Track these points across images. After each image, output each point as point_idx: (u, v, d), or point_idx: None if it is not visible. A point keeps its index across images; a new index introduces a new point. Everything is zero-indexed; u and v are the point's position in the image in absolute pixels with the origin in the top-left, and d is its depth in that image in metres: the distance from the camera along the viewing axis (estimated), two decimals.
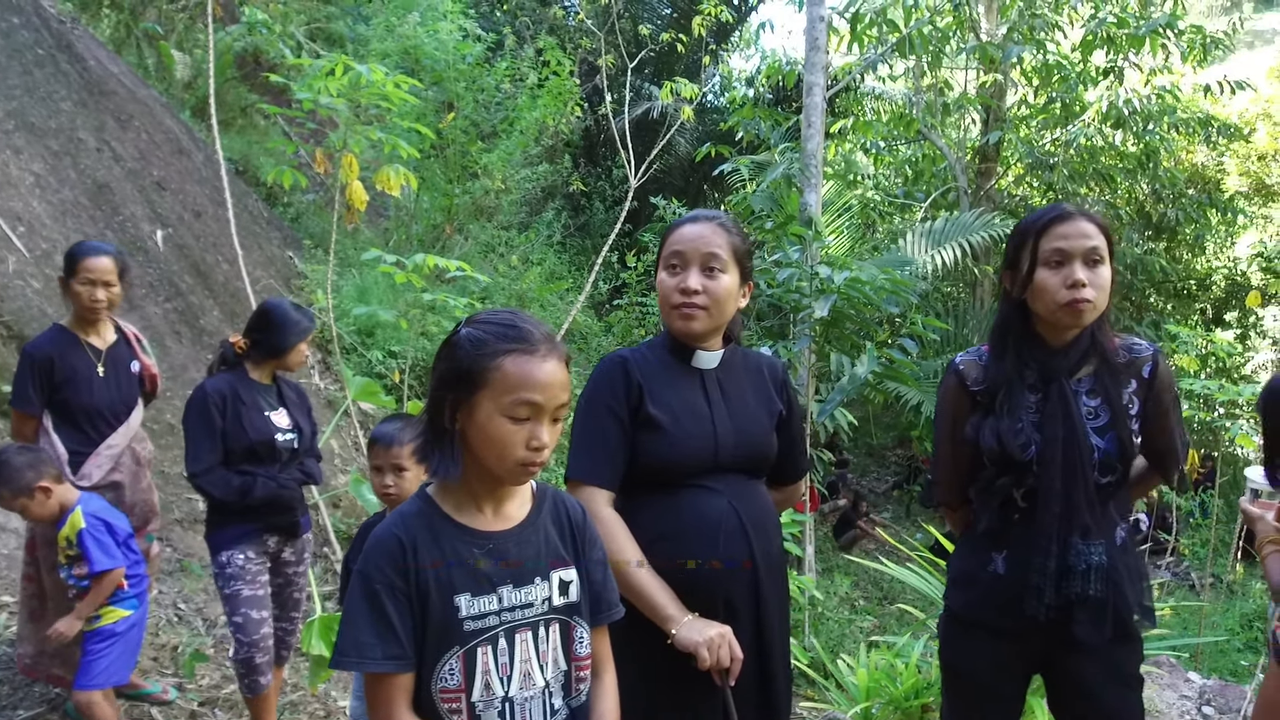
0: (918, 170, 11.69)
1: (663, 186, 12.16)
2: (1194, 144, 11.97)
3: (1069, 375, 1.82)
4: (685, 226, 1.87)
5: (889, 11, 8.43)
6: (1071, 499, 1.77)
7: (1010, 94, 11.52)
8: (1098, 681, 1.82)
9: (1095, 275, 1.76)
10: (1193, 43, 10.14)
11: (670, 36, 7.35)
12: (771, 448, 1.88)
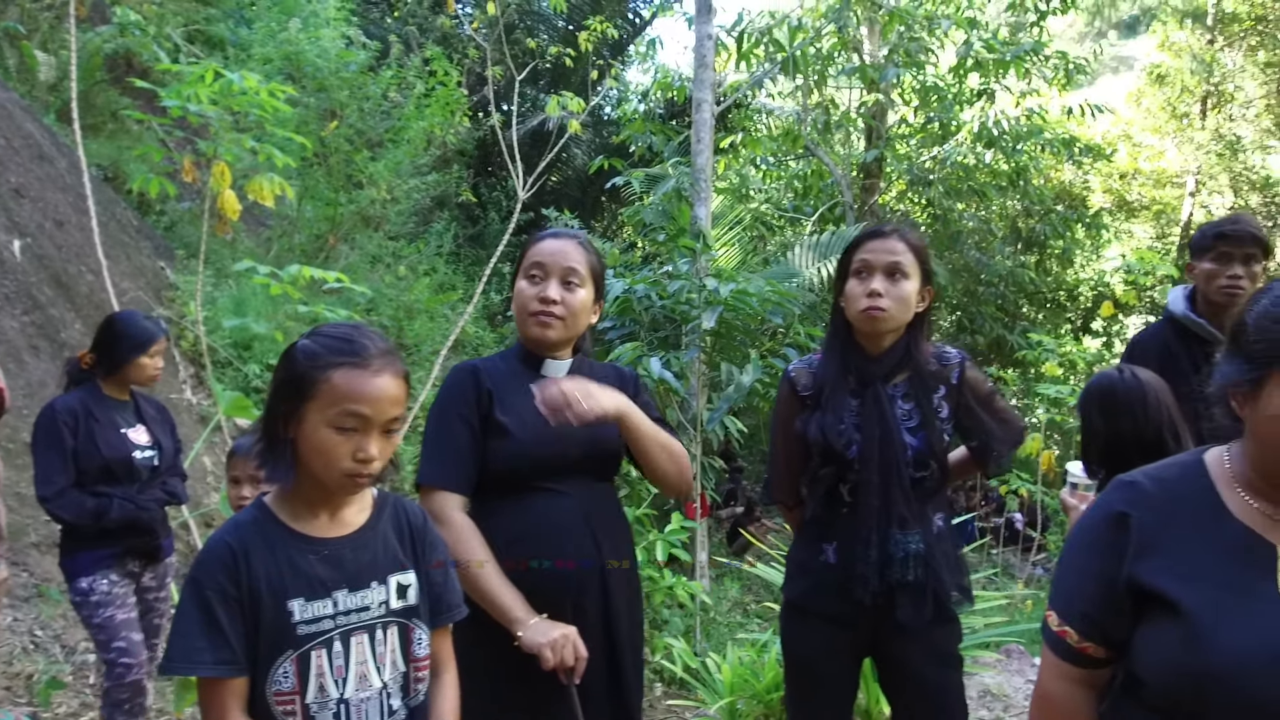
0: (806, 185, 12.06)
1: (560, 198, 12.20)
2: (1061, 163, 12.72)
3: (885, 381, 1.99)
4: (547, 240, 1.95)
5: (774, 32, 8.69)
6: (888, 493, 1.93)
7: (891, 113, 12.03)
8: (920, 661, 1.97)
9: (894, 288, 1.93)
10: (1057, 68, 10.81)
11: (558, 50, 7.41)
12: (619, 451, 1.96)
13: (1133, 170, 14.35)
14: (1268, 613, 1.10)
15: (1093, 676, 1.28)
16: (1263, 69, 13.43)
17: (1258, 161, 13.83)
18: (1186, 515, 1.20)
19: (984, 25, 11.04)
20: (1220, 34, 13.68)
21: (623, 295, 5.94)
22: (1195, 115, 13.79)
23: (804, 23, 9.09)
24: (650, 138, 8.48)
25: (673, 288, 6.02)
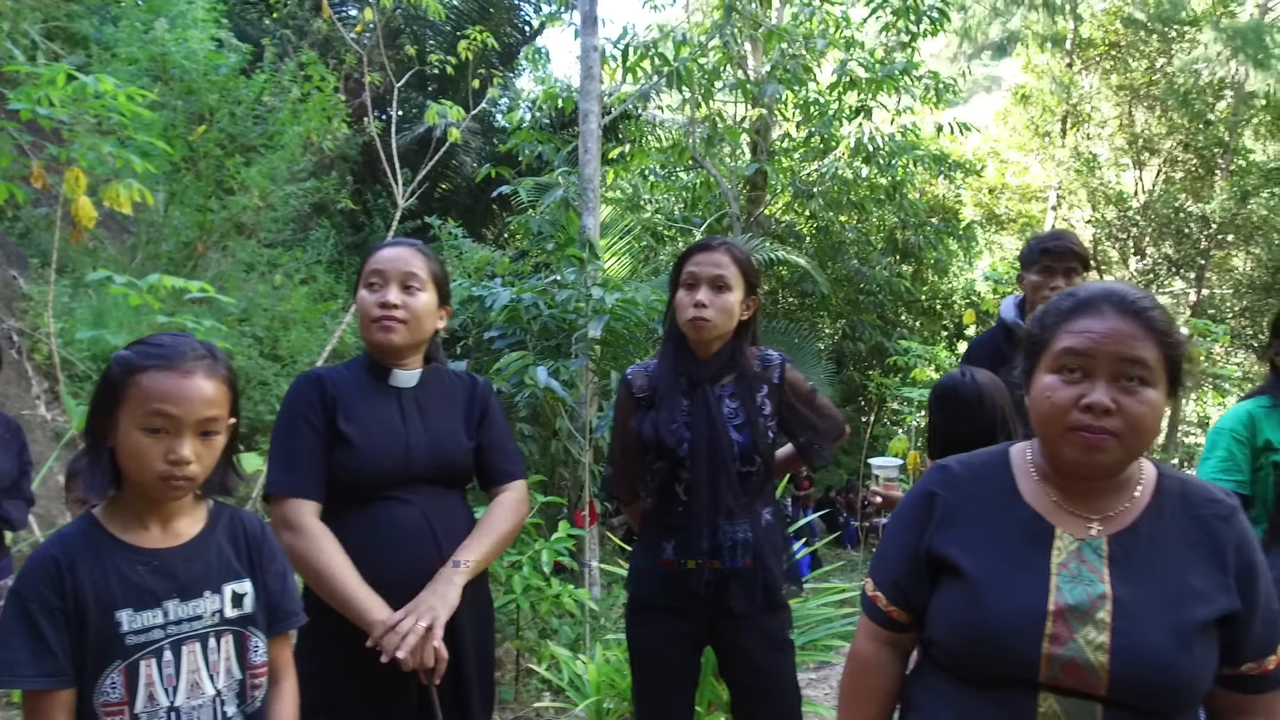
0: (695, 196, 12.30)
1: (450, 206, 12.06)
2: (935, 178, 13.36)
3: (713, 382, 2.12)
4: (385, 249, 1.99)
5: (660, 46, 8.84)
6: (717, 486, 2.06)
7: (775, 128, 12.40)
8: (753, 646, 2.10)
9: (718, 299, 2.08)
10: (929, 87, 11.36)
11: (438, 58, 7.35)
12: (466, 462, 2.00)
13: (1001, 185, 15.17)
14: (1034, 580, 1.25)
15: (898, 639, 1.43)
16: (1116, 91, 14.41)
17: (1112, 177, 14.83)
18: (984, 496, 1.35)
19: (861, 45, 11.52)
20: (1078, 58, 14.61)
21: (510, 304, 5.94)
22: (1056, 134, 14.68)
23: (689, 37, 9.27)
24: (539, 147, 8.50)
25: (560, 297, 6.06)
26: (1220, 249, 14.35)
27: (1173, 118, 14.10)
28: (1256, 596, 1.24)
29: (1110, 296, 1.24)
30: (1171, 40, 14.10)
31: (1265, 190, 13.95)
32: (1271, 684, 1.27)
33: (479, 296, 6.03)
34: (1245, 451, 2.37)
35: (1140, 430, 1.21)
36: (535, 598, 4.22)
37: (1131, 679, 1.18)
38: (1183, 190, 14.38)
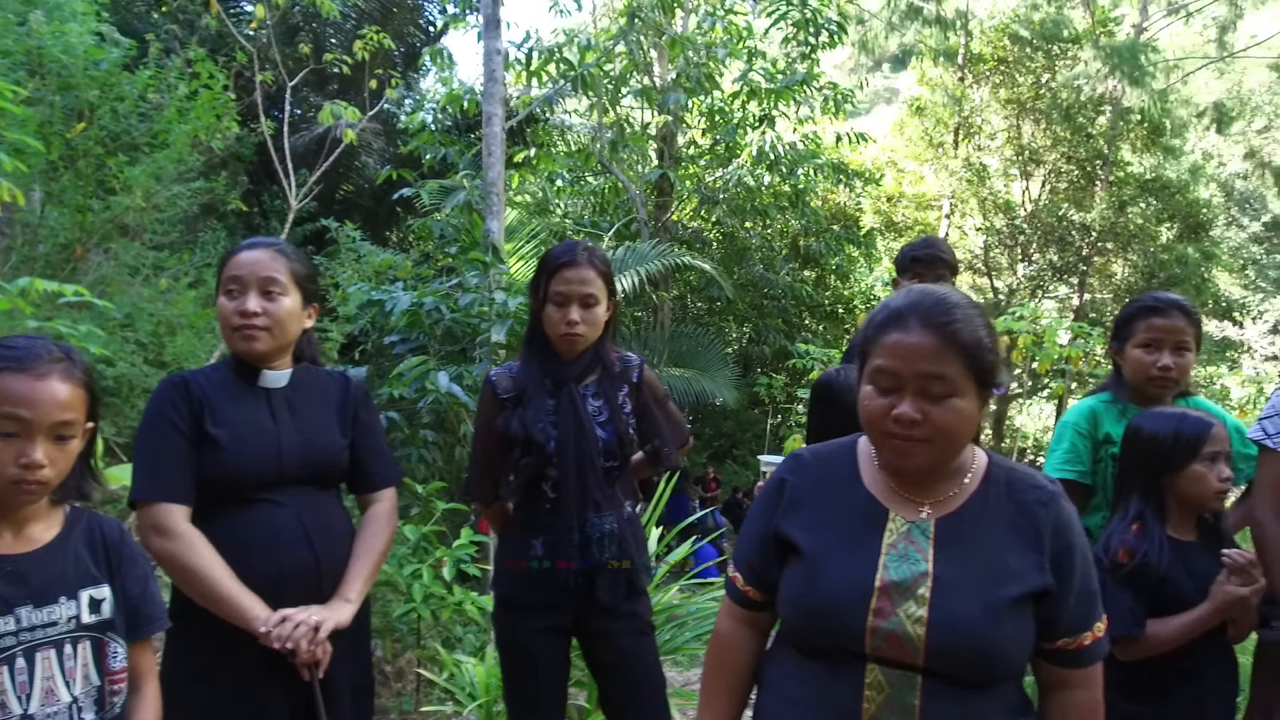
0: (604, 201, 12.36)
1: (352, 208, 11.80)
2: (836, 186, 13.75)
3: (577, 382, 2.22)
4: (242, 253, 1.96)
5: (565, 50, 8.87)
6: (585, 480, 2.15)
7: (682, 135, 12.56)
8: (619, 632, 2.21)
9: (589, 315, 2.19)
10: (827, 98, 11.70)
11: (333, 57, 7.20)
12: (341, 461, 2.01)
13: (898, 193, 15.71)
14: (864, 559, 1.35)
15: (756, 618, 1.53)
16: (1004, 105, 15.10)
17: (1001, 187, 15.53)
18: (829, 482, 1.46)
19: (764, 55, 11.78)
20: (970, 72, 15.26)
21: (411, 308, 5.86)
22: (949, 145, 15.28)
23: (594, 43, 9.33)
24: (442, 149, 8.42)
25: (464, 301, 6.01)
26: (1100, 256, 15.18)
27: (1056, 131, 14.86)
28: (1071, 576, 1.34)
29: (917, 310, 1.31)
30: (1055, 57, 14.86)
31: (1141, 200, 14.83)
32: (1089, 658, 1.37)
33: (379, 301, 5.93)
34: (1087, 444, 2.52)
35: (949, 435, 1.31)
36: (437, 606, 4.17)
37: (946, 650, 1.27)
38: (1066, 200, 15.16)
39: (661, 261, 9.82)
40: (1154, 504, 2.15)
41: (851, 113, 13.36)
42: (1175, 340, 2.43)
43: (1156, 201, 14.85)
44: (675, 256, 10.04)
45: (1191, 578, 2.06)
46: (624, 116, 11.91)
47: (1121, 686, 2.14)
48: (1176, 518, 2.14)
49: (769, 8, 11.07)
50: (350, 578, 1.91)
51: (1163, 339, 2.43)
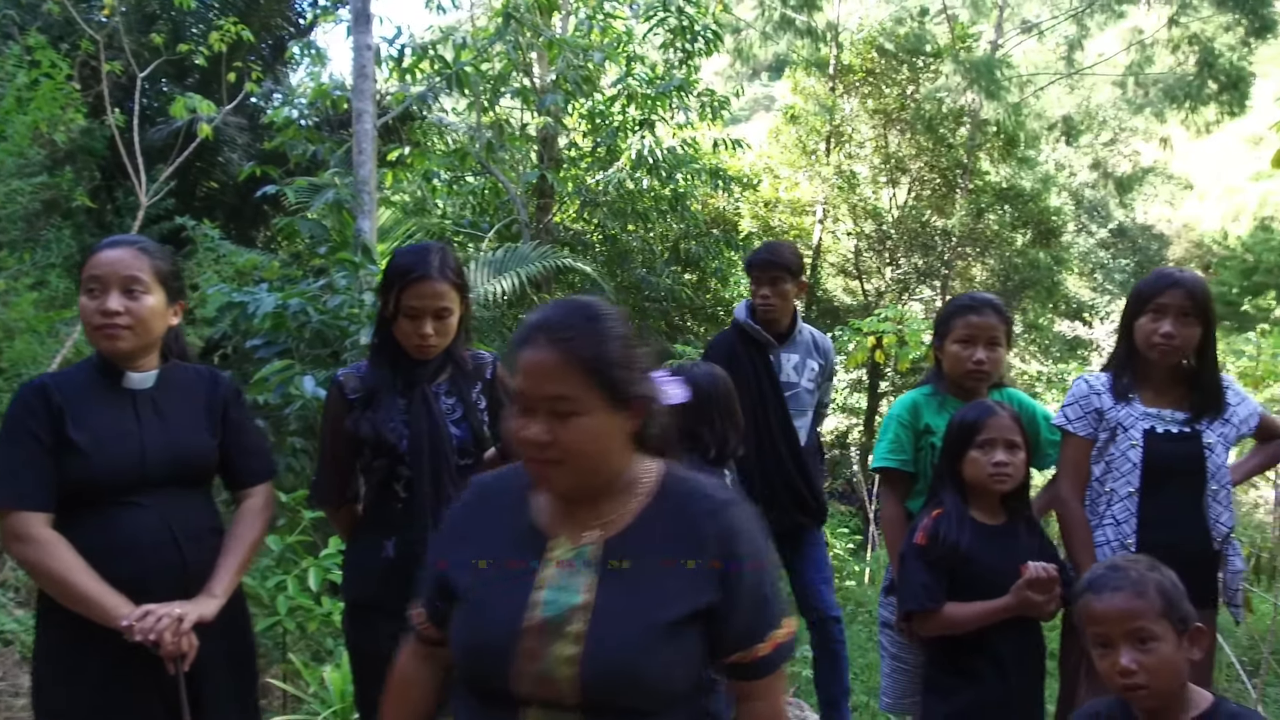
0: (484, 202, 12.22)
1: (215, 206, 11.26)
2: (715, 191, 14.02)
3: (430, 381, 2.22)
4: (103, 252, 1.94)
5: (439, 48, 8.72)
6: (439, 479, 2.15)
7: (563, 137, 12.55)
8: None
9: (443, 325, 2.19)
10: (705, 104, 11.92)
11: (189, 47, 6.88)
12: (209, 461, 2.02)
13: (775, 199, 16.13)
14: (516, 598, 1.29)
15: (436, 653, 1.47)
16: (872, 115, 15.73)
17: (870, 194, 16.17)
18: (495, 509, 1.40)
19: (643, 60, 11.90)
20: (840, 82, 15.83)
21: (276, 310, 5.66)
22: (822, 152, 15.81)
23: (470, 41, 9.21)
24: (310, 146, 8.14)
25: (333, 303, 5.84)
26: (961, 260, 16.01)
27: (920, 141, 15.58)
28: (738, 588, 1.29)
29: (544, 326, 1.27)
30: (919, 70, 15.58)
31: (997, 208, 15.71)
32: (765, 668, 1.34)
33: (240, 303, 5.69)
34: (909, 434, 2.71)
35: (582, 454, 1.26)
36: (303, 618, 4.04)
37: (600, 687, 1.22)
38: (929, 207, 15.92)
39: (543, 263, 9.78)
40: (954, 489, 2.31)
41: (732, 119, 13.64)
42: (988, 336, 2.63)
43: (1012, 209, 15.75)
44: (557, 258, 10.02)
45: (997, 558, 2.21)
46: (503, 117, 11.81)
47: (937, 661, 2.30)
48: (979, 501, 2.29)
49: (647, 12, 11.21)
50: (217, 573, 1.92)
51: (977, 335, 2.63)
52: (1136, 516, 2.39)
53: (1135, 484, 2.40)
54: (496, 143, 10.01)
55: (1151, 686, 1.55)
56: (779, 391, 3.21)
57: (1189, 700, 1.57)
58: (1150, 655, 1.55)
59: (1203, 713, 1.56)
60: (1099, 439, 2.48)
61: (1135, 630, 1.56)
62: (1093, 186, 24.43)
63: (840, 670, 3.36)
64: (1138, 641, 1.56)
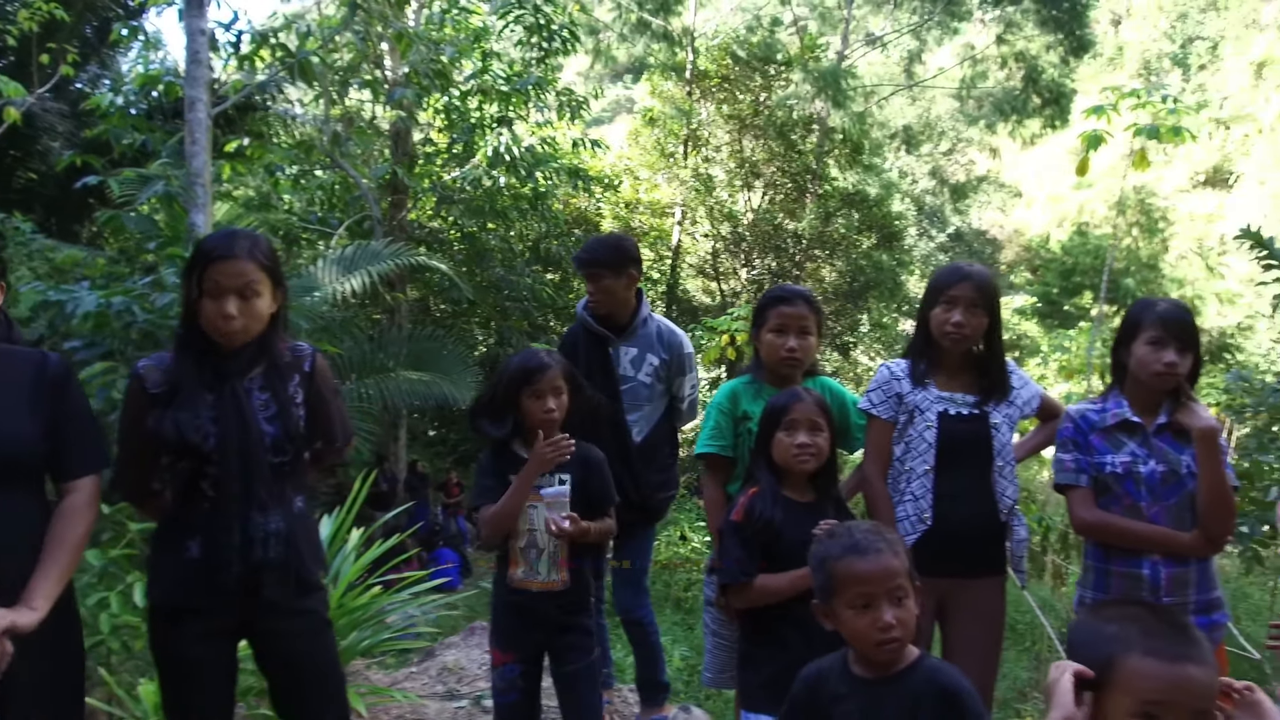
0: (333, 197, 11.83)
1: (34, 198, 10.45)
2: (576, 191, 14.07)
3: (241, 375, 2.11)
4: None
5: (281, 36, 8.38)
6: (249, 479, 2.05)
7: (419, 132, 12.31)
8: (292, 631, 2.16)
9: (249, 307, 2.08)
10: (563, 103, 11.96)
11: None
12: (29, 451, 1.88)
13: (635, 200, 16.35)
14: None
15: None
16: (727, 120, 16.18)
17: (726, 197, 16.63)
18: None
19: (499, 56, 11.82)
20: (697, 87, 16.20)
21: (97, 309, 5.29)
22: (680, 155, 16.14)
23: (314, 30, 8.90)
24: (137, 135, 7.66)
25: (161, 301, 5.51)
26: (812, 261, 16.68)
27: (772, 146, 16.15)
28: None
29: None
30: (771, 78, 16.14)
31: (844, 212, 16.46)
32: None
33: (57, 302, 5.30)
34: (729, 421, 2.83)
35: None
36: (129, 636, 3.82)
37: None
38: (781, 210, 16.52)
39: (396, 261, 9.54)
40: (768, 469, 2.45)
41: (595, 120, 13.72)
42: (799, 325, 2.77)
43: (857, 213, 16.54)
44: (410, 256, 9.78)
45: (807, 533, 2.34)
46: (354, 110, 11.47)
47: (750, 634, 2.42)
48: (790, 481, 2.43)
49: (503, 8, 11.13)
50: (33, 582, 1.80)
51: (789, 324, 2.77)
52: (932, 492, 2.58)
53: (931, 462, 2.59)
54: (345, 136, 9.70)
55: (902, 639, 1.69)
56: (613, 385, 3.26)
57: (906, 651, 1.73)
58: (904, 611, 1.70)
59: (910, 663, 1.72)
60: (899, 421, 2.66)
61: (895, 588, 1.71)
62: (933, 194, 25.95)
63: (651, 661, 3.47)
64: (895, 599, 1.70)
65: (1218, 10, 38.22)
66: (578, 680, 2.57)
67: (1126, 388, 2.53)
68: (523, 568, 2.52)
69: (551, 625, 2.54)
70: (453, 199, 11.99)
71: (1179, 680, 1.27)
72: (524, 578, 2.52)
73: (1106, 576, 2.45)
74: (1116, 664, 1.32)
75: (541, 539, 2.51)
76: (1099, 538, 2.49)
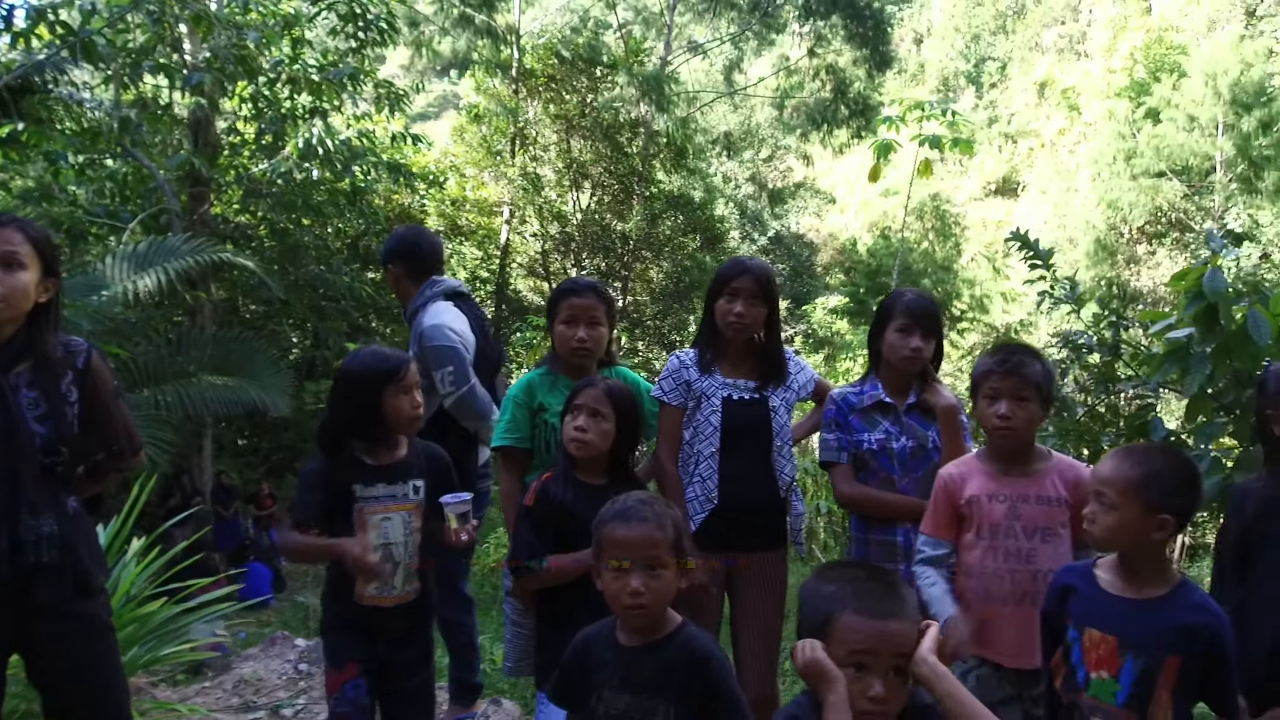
0: (125, 188, 10.95)
1: None
2: (400, 187, 13.64)
3: (6, 370, 1.99)
4: None
5: (62, 12, 7.68)
6: (17, 481, 1.94)
7: (222, 121, 11.59)
8: (68, 635, 2.06)
9: (10, 278, 1.97)
10: (381, 96, 11.60)
11: None
12: None
13: (461, 198, 16.08)
14: None
15: None
16: (554, 120, 16.21)
17: (555, 197, 16.65)
18: None
19: (311, 45, 11.32)
20: (523, 85, 16.12)
21: None
22: (507, 154, 16.01)
23: (99, 7, 8.22)
24: None
25: None
26: (640, 262, 16.99)
27: (599, 147, 16.31)
28: None
29: None
30: (597, 80, 16.30)
31: (670, 214, 16.87)
32: None
33: None
34: (525, 413, 2.86)
35: None
36: None
37: None
38: (609, 211, 16.73)
39: (196, 258, 8.93)
40: (562, 453, 2.52)
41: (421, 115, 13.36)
42: (589, 316, 2.84)
43: (683, 216, 16.98)
44: (213, 253, 9.18)
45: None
46: (150, 95, 10.66)
47: (545, 617, 2.47)
48: (583, 465, 2.50)
49: None
50: None
51: (578, 315, 2.84)
52: (718, 473, 2.71)
53: (716, 445, 2.73)
54: (137, 122, 9.01)
55: (650, 608, 1.78)
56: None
57: (666, 620, 1.83)
58: (657, 580, 1.78)
59: (669, 632, 1.82)
60: (688, 407, 2.78)
61: (651, 557, 1.79)
62: (754, 198, 27.03)
63: (465, 661, 3.47)
64: (649, 567, 1.78)
65: (1006, 34, 41.96)
66: (418, 696, 2.49)
67: (881, 372, 2.76)
68: (375, 584, 2.37)
69: (398, 638, 2.44)
70: (261, 193, 11.37)
71: (881, 633, 1.45)
72: (377, 594, 2.38)
73: (866, 544, 2.66)
74: (832, 620, 1.49)
75: (398, 552, 2.38)
76: (858, 509, 2.70)
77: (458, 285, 3.45)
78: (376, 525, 2.35)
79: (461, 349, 3.18)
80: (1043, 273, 5.06)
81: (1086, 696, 1.88)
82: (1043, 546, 2.23)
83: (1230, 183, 20.52)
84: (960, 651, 2.18)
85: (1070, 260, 21.85)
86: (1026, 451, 2.32)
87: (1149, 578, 1.88)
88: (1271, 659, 2.14)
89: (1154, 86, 22.58)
